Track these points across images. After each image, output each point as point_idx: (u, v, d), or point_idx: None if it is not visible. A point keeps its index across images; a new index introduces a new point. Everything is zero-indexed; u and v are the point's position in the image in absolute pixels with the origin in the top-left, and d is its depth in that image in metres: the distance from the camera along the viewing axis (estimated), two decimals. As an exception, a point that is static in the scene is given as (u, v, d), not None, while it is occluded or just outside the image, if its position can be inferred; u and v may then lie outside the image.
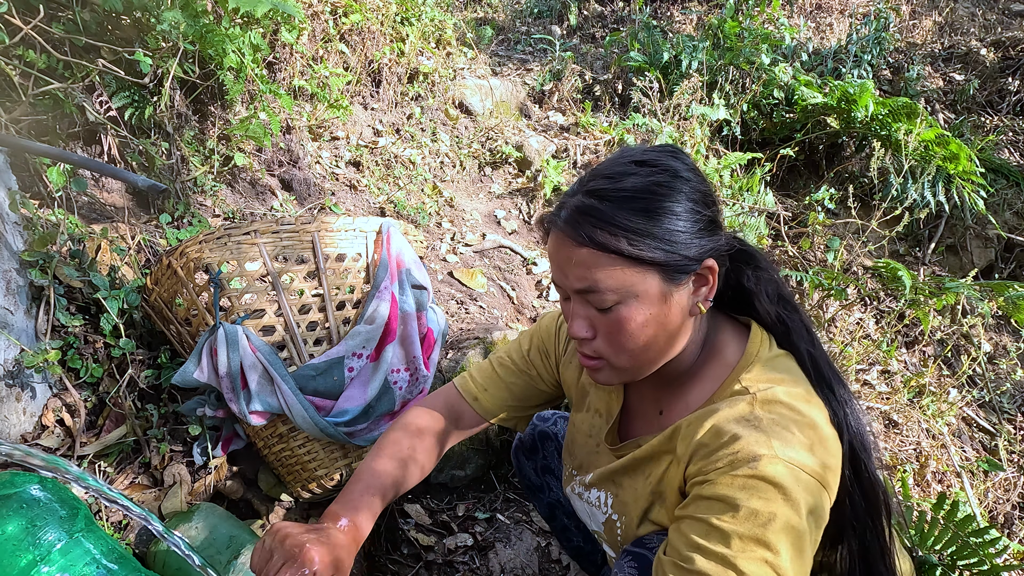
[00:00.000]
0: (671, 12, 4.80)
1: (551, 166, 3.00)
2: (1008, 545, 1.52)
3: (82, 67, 1.61)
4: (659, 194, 0.74)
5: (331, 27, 2.54)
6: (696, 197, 0.77)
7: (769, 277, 0.87)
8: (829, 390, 0.80)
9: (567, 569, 1.58)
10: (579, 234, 0.74)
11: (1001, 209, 3.33)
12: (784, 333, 0.84)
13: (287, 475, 1.42)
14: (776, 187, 3.36)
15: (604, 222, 0.73)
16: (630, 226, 0.73)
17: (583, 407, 1.01)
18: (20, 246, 1.33)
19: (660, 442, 0.83)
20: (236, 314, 1.29)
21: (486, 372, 1.09)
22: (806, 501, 0.68)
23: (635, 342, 0.77)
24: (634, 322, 0.76)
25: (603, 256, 0.74)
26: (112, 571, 0.89)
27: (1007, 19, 4.59)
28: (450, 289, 2.34)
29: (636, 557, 0.82)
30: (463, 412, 1.07)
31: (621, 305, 0.75)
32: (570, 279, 0.77)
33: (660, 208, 0.74)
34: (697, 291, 0.79)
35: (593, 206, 0.74)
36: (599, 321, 0.78)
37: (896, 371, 2.51)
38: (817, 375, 0.80)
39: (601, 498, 0.93)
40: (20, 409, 1.27)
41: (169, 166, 1.84)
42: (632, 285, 0.74)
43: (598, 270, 0.74)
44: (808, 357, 0.82)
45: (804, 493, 0.68)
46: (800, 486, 0.68)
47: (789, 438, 0.71)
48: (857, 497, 0.80)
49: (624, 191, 0.74)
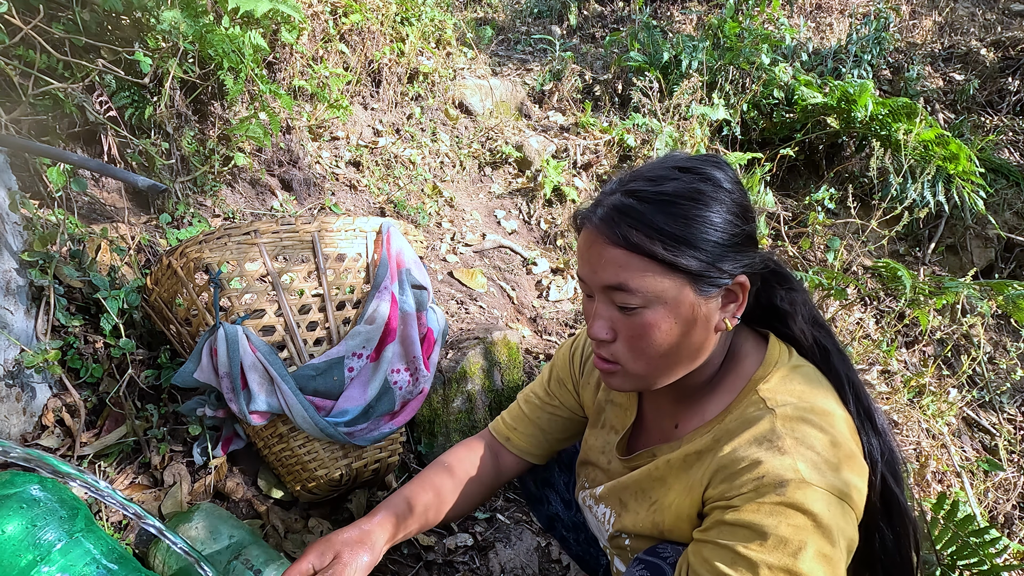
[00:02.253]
0: (671, 12, 4.80)
1: (551, 166, 3.00)
2: (1008, 545, 1.52)
3: (82, 67, 1.61)
4: (699, 202, 0.73)
5: (331, 27, 2.54)
6: (736, 210, 0.75)
7: (804, 299, 0.85)
8: (868, 420, 0.78)
9: (567, 569, 1.58)
10: (614, 233, 0.73)
11: (1001, 209, 3.33)
12: (823, 357, 0.82)
13: (287, 475, 1.42)
14: (776, 187, 3.36)
15: (641, 223, 0.72)
16: (667, 230, 0.71)
17: (598, 423, 1.01)
18: (20, 246, 1.33)
19: (675, 463, 0.81)
20: (236, 314, 1.29)
21: (514, 412, 1.10)
22: (838, 527, 0.66)
23: (655, 349, 0.75)
24: (658, 328, 0.74)
25: (636, 258, 0.72)
26: (112, 571, 0.89)
27: (1007, 19, 4.59)
28: (450, 289, 2.34)
29: (649, 566, 0.79)
30: (499, 453, 1.09)
31: (647, 309, 0.73)
32: (599, 275, 0.75)
33: (699, 216, 0.72)
34: (726, 307, 0.77)
35: (631, 206, 0.73)
36: (621, 324, 0.76)
37: (896, 371, 2.51)
38: (856, 403, 0.79)
39: (607, 515, 0.93)
40: (20, 409, 1.27)
41: (169, 166, 1.84)
42: (662, 291, 0.72)
43: (629, 271, 0.73)
44: (848, 383, 0.80)
45: (834, 519, 0.66)
46: (830, 512, 0.66)
47: (815, 460, 0.68)
48: (887, 531, 0.79)
49: (664, 195, 0.73)
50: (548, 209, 2.99)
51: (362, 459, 1.42)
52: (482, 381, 1.82)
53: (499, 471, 1.08)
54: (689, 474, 0.78)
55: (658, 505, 0.82)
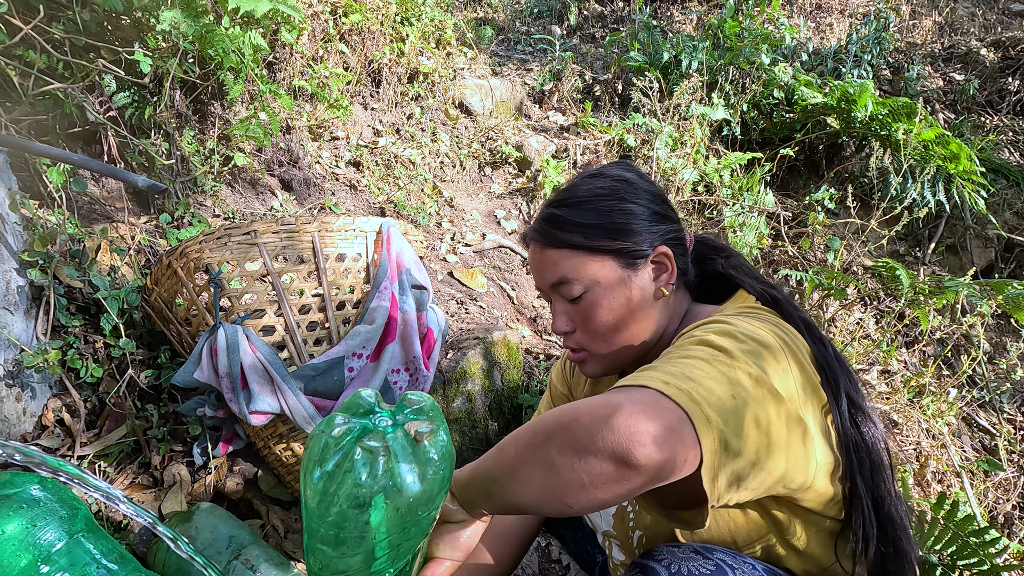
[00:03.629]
0: (671, 12, 4.80)
1: (551, 166, 3.00)
2: (1008, 545, 1.52)
3: (82, 67, 1.61)
4: (607, 195, 0.89)
5: (331, 27, 2.54)
6: (643, 196, 0.89)
7: (742, 262, 0.96)
8: (822, 345, 0.82)
9: (567, 569, 1.58)
10: (546, 237, 0.89)
11: (1001, 209, 3.33)
12: (775, 303, 0.88)
13: (287, 475, 1.42)
14: (776, 187, 3.36)
15: (563, 223, 0.88)
16: (583, 223, 0.87)
17: None
18: (20, 246, 1.33)
19: None
20: (236, 314, 1.29)
21: None
22: (745, 332, 0.72)
23: (604, 325, 0.87)
24: (600, 306, 0.87)
25: (565, 251, 0.88)
26: (112, 571, 0.89)
27: (1007, 19, 4.59)
28: (450, 289, 2.34)
29: (644, 570, 0.79)
30: None
31: (588, 293, 0.87)
32: (544, 277, 0.90)
33: (608, 206, 0.88)
34: (658, 277, 0.89)
35: (553, 213, 0.90)
36: (574, 313, 0.89)
37: (896, 371, 2.51)
38: (811, 333, 0.83)
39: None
40: (20, 409, 1.27)
41: (169, 166, 1.84)
42: (593, 272, 0.86)
43: (563, 263, 0.88)
44: (802, 322, 0.85)
45: (744, 330, 0.73)
46: (749, 330, 0.73)
47: (744, 326, 0.75)
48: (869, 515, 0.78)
49: (577, 197, 0.90)
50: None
51: (362, 459, 1.42)
52: (482, 381, 1.82)
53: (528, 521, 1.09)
54: None
55: None
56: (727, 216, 2.83)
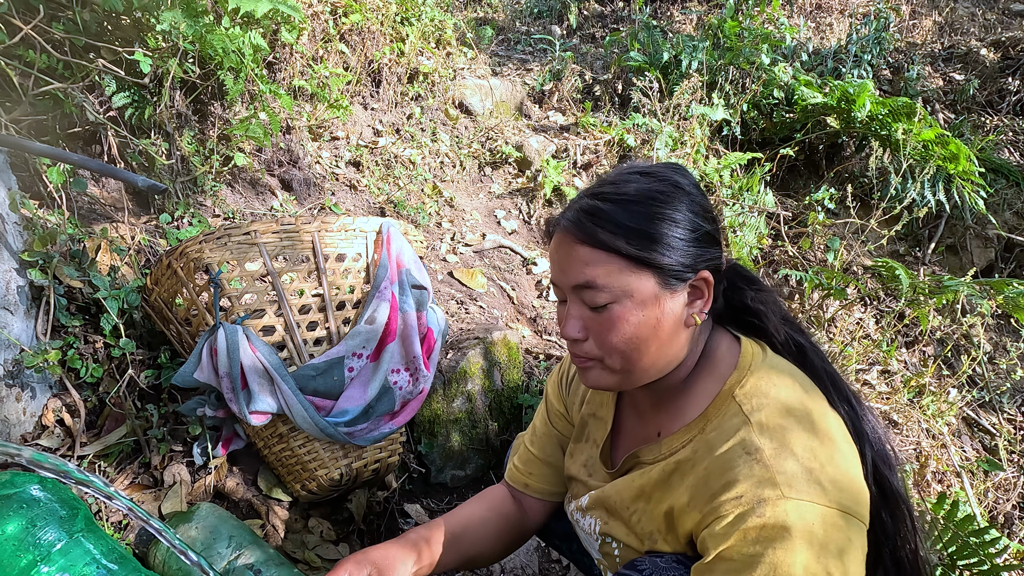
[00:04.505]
0: (671, 12, 4.80)
1: (551, 166, 3.00)
2: (1008, 545, 1.52)
3: (82, 67, 1.61)
4: (660, 201, 0.77)
5: (331, 27, 2.54)
6: (696, 209, 0.79)
7: (773, 299, 0.88)
8: (847, 404, 0.79)
9: (567, 569, 1.58)
10: (582, 232, 0.77)
11: (1001, 209, 3.33)
12: (799, 352, 0.84)
13: (287, 475, 1.42)
14: (776, 187, 3.36)
15: (606, 221, 0.76)
16: (630, 227, 0.75)
17: (582, 438, 1.02)
18: (20, 246, 1.33)
19: (655, 477, 0.82)
20: (236, 314, 1.29)
21: (524, 456, 1.10)
22: (827, 534, 0.66)
23: (625, 342, 0.77)
24: (626, 322, 0.76)
25: (602, 254, 0.76)
26: (112, 571, 0.89)
27: (1007, 19, 4.58)
28: (450, 289, 2.34)
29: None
30: (522, 500, 1.10)
31: (615, 304, 0.76)
32: (569, 275, 0.79)
33: (660, 214, 0.76)
34: (692, 303, 0.80)
35: (596, 207, 0.77)
36: (592, 321, 0.79)
37: (896, 371, 2.51)
38: (836, 391, 0.80)
39: (592, 525, 0.93)
40: (20, 409, 1.27)
41: (169, 166, 1.84)
42: (627, 284, 0.76)
43: (596, 267, 0.76)
44: (826, 375, 0.82)
45: (822, 527, 0.66)
46: (818, 521, 0.66)
47: (794, 470, 0.68)
48: (884, 515, 0.78)
49: (626, 195, 0.77)
50: (548, 209, 2.99)
51: (362, 459, 1.42)
52: (482, 381, 1.82)
53: (524, 518, 1.09)
54: (670, 484, 0.79)
55: (640, 515, 0.83)
56: (727, 216, 2.83)
